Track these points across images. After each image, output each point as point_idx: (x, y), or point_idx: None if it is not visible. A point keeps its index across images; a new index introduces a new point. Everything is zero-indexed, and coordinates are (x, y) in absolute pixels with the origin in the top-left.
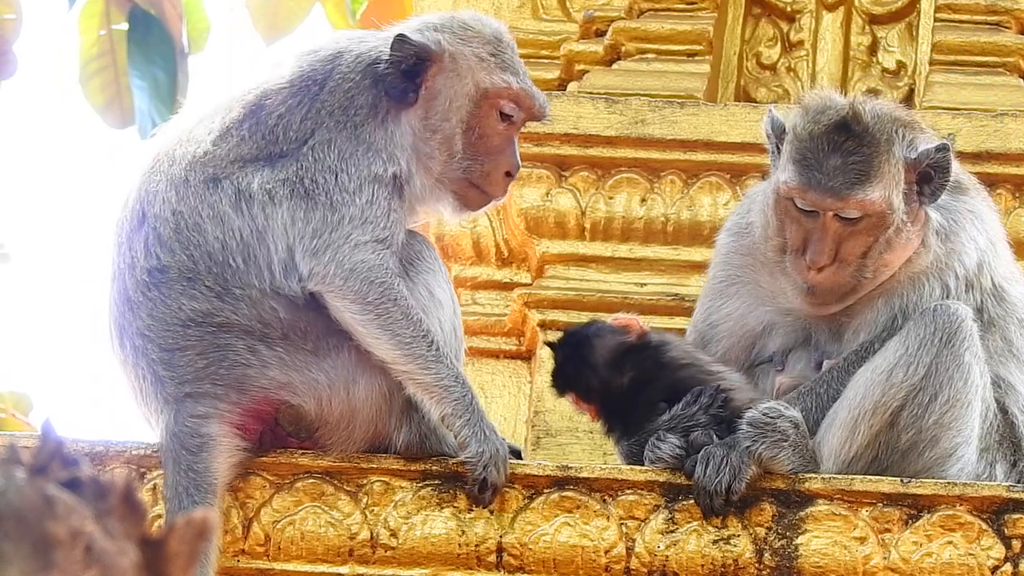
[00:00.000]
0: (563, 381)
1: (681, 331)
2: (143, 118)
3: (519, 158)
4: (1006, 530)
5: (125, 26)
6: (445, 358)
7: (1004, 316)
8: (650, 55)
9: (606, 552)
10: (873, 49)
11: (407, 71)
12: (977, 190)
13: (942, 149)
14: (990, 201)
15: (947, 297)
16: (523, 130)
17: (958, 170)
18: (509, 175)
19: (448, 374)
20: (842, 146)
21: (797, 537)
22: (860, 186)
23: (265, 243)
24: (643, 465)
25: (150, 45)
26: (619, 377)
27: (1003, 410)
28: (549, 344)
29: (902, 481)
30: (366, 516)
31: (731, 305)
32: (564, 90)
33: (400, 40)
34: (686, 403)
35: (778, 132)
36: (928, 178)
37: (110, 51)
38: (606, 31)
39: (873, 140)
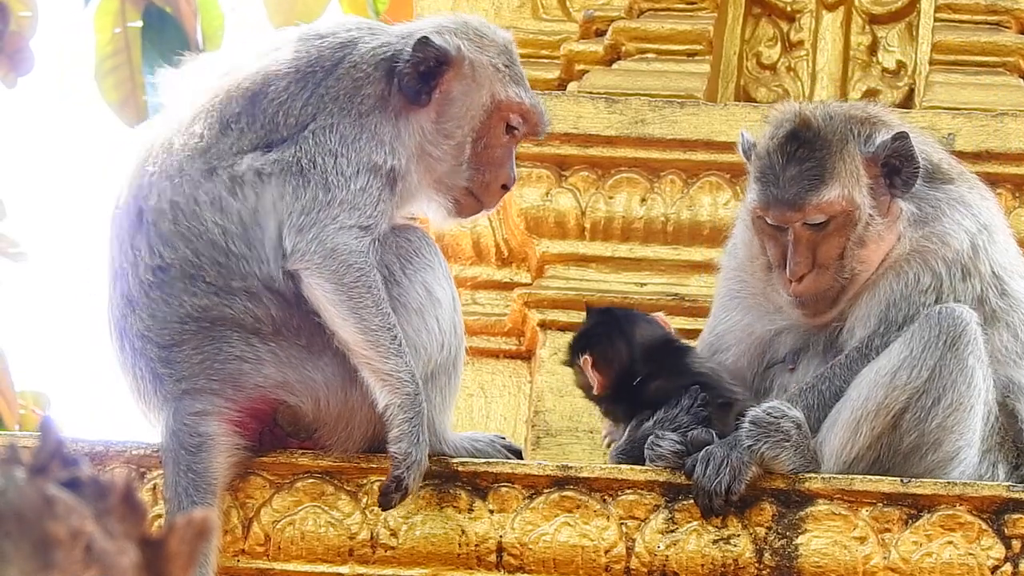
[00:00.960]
0: (589, 340)
1: (681, 331)
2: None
3: (515, 171)
4: (1006, 530)
5: (140, 24)
6: (405, 355)
7: (1008, 311)
8: (650, 55)
9: (606, 552)
10: (873, 49)
11: (424, 73)
12: (964, 179)
13: (899, 138)
14: (982, 189)
15: (940, 285)
16: None
17: (941, 159)
18: (505, 187)
19: (406, 369)
20: (795, 155)
21: (797, 537)
22: (815, 191)
23: (259, 224)
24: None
25: (165, 42)
26: (644, 364)
27: (1011, 414)
28: (590, 307)
29: (902, 481)
30: (366, 516)
31: (735, 317)
32: (564, 90)
33: (423, 42)
34: (668, 407)
35: (749, 153)
36: (896, 170)
37: (125, 49)
38: (606, 31)
39: (825, 143)
